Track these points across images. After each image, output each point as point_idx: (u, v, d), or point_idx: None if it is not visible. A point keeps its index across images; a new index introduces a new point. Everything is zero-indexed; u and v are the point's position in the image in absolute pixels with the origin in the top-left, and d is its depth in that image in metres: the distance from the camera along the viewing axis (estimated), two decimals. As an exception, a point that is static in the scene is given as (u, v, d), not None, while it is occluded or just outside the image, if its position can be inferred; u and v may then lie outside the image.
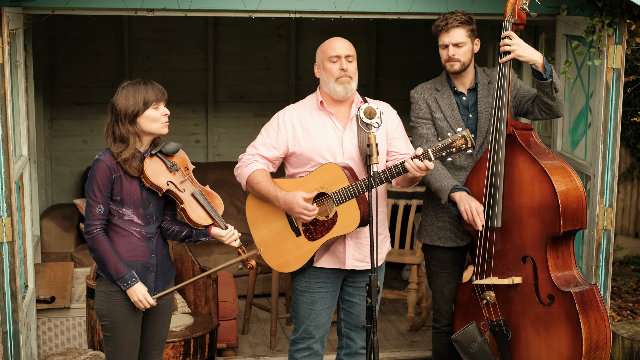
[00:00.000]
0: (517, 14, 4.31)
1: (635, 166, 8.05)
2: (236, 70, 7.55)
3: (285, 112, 4.21)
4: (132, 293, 3.78)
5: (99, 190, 3.73)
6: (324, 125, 4.14)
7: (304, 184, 4.09)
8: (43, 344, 5.26)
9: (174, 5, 4.68)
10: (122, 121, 3.75)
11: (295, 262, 4.16)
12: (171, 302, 4.06)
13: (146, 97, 3.75)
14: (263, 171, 4.13)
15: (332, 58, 4.08)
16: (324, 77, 4.13)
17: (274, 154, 4.17)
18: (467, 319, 4.52)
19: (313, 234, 4.11)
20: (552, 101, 4.33)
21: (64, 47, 7.19)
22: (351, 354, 4.33)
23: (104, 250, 3.74)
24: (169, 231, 3.96)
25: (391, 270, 7.42)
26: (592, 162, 4.91)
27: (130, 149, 3.75)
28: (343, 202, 4.03)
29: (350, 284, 4.26)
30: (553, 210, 4.19)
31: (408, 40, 7.76)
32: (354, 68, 4.12)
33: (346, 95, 4.10)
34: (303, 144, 4.12)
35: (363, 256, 4.18)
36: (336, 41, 4.13)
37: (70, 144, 7.30)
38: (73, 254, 6.50)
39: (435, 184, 4.37)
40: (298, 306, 4.24)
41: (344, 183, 4.01)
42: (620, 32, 4.75)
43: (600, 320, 4.28)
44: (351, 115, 4.15)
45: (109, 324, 3.85)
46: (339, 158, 4.11)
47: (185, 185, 3.87)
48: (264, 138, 4.18)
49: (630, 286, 7.27)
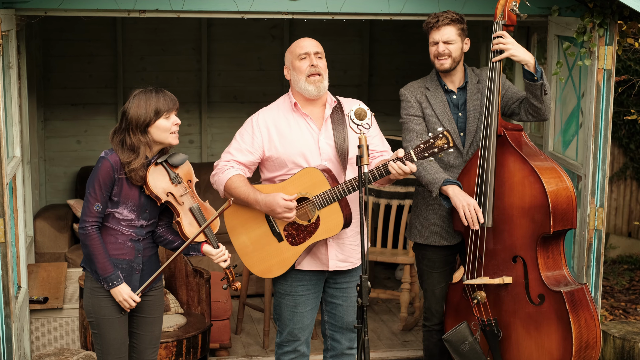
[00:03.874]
0: (507, 15, 4.32)
1: (628, 166, 8.08)
2: (230, 70, 7.56)
3: (259, 116, 4.16)
4: (117, 293, 3.79)
5: (99, 188, 3.74)
6: (299, 128, 4.10)
7: (284, 189, 4.05)
8: (36, 345, 5.27)
9: (166, 7, 4.69)
10: (133, 130, 3.75)
11: (278, 267, 4.13)
12: (160, 298, 4.05)
13: (158, 107, 3.75)
14: (240, 176, 4.08)
15: (301, 55, 4.06)
16: (294, 77, 4.10)
17: (250, 159, 4.12)
18: (458, 318, 4.53)
19: (295, 239, 4.08)
20: (540, 104, 4.35)
21: (57, 48, 7.19)
22: (337, 355, 4.32)
23: (95, 248, 3.75)
24: (162, 238, 3.96)
25: (384, 270, 7.44)
26: (583, 163, 4.93)
27: (140, 159, 3.75)
28: (325, 206, 4.01)
29: (333, 286, 4.23)
30: (543, 210, 4.21)
31: (401, 40, 7.77)
32: (324, 65, 4.10)
33: (318, 94, 4.07)
34: (279, 148, 4.08)
35: (346, 256, 4.17)
36: (304, 40, 4.12)
37: (64, 145, 7.31)
38: (67, 255, 6.51)
39: (426, 177, 4.36)
40: (281, 309, 4.22)
41: (325, 187, 3.99)
42: (611, 32, 4.77)
43: (591, 320, 4.30)
44: (325, 116, 4.13)
45: (95, 321, 3.87)
46: (316, 160, 4.08)
47: (185, 199, 3.86)
48: (239, 143, 4.13)
49: (623, 285, 7.29)
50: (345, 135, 4.11)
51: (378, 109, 7.52)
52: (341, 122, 4.13)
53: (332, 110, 4.15)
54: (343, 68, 7.69)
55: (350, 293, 4.24)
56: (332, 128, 4.11)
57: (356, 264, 4.22)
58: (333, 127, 4.11)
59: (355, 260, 4.21)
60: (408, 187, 6.28)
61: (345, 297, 4.23)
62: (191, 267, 5.33)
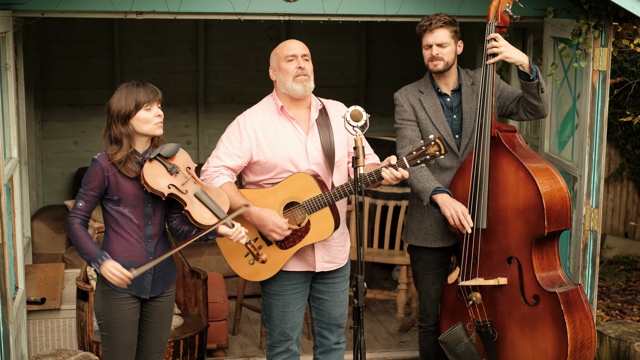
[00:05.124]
0: (500, 17, 4.34)
1: (624, 166, 8.09)
2: (227, 71, 7.57)
3: (245, 119, 4.14)
4: (105, 270, 3.71)
5: (88, 189, 3.77)
6: (285, 132, 4.10)
7: (273, 193, 4.07)
8: (33, 345, 5.27)
9: (163, 8, 4.71)
10: (115, 123, 3.78)
11: (267, 271, 4.14)
12: (171, 305, 4.04)
13: (137, 99, 3.76)
14: (231, 184, 4.07)
15: (289, 57, 4.06)
16: (280, 78, 4.09)
17: (238, 163, 4.11)
18: (454, 320, 4.55)
19: (285, 243, 4.09)
20: (538, 102, 4.36)
21: (54, 49, 7.20)
22: (326, 351, 4.37)
23: (77, 234, 3.75)
24: (179, 231, 3.95)
25: (381, 270, 7.45)
26: (579, 164, 4.95)
27: (123, 151, 3.76)
28: (316, 211, 4.03)
29: (319, 282, 4.27)
30: (537, 212, 4.23)
31: (398, 41, 7.79)
32: (311, 68, 4.10)
33: (305, 94, 4.07)
34: (267, 152, 4.08)
35: (332, 257, 4.22)
36: (291, 42, 4.12)
37: (61, 146, 7.32)
38: (64, 255, 6.51)
39: (417, 186, 4.39)
40: (271, 310, 4.23)
41: (316, 192, 4.01)
42: (606, 34, 4.79)
43: (585, 320, 4.32)
44: (312, 120, 4.13)
45: (105, 323, 3.87)
46: (303, 163, 4.09)
47: (188, 186, 3.82)
48: (227, 147, 4.11)
49: (619, 286, 7.31)
50: (331, 138, 4.13)
51: (375, 110, 7.54)
52: (326, 125, 4.14)
53: (317, 114, 4.16)
54: (340, 69, 7.70)
55: (337, 289, 4.29)
56: (319, 131, 4.13)
57: (341, 264, 4.27)
58: (319, 131, 4.13)
59: (341, 260, 4.26)
60: (405, 188, 6.30)
61: (332, 292, 4.28)
62: (188, 268, 5.34)
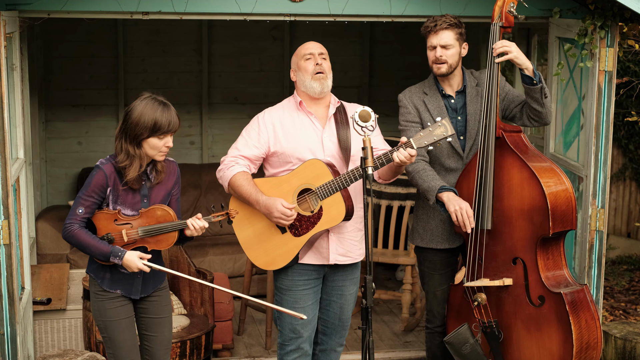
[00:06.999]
0: (505, 17, 4.34)
1: (627, 166, 8.10)
2: (231, 72, 7.57)
3: (264, 114, 4.30)
4: (129, 264, 3.76)
5: (89, 195, 3.79)
6: (302, 125, 4.24)
7: (287, 181, 4.16)
8: (40, 346, 5.28)
9: (169, 8, 4.71)
10: (129, 136, 3.77)
11: (282, 259, 4.21)
12: (166, 299, 4.07)
13: (157, 123, 3.76)
14: (245, 174, 4.20)
15: (306, 56, 4.22)
16: (300, 77, 4.24)
17: (256, 153, 4.23)
18: (459, 320, 4.55)
19: (298, 230, 4.16)
20: (541, 107, 4.36)
21: (58, 49, 7.20)
22: (326, 350, 4.42)
23: (81, 238, 3.76)
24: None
25: (385, 270, 7.46)
26: (585, 164, 4.95)
27: (134, 170, 3.77)
28: (328, 196, 4.09)
29: (328, 283, 4.33)
30: (542, 212, 4.23)
31: (402, 42, 7.79)
32: (328, 66, 4.25)
33: (323, 92, 4.21)
34: (284, 143, 4.20)
35: (346, 250, 4.26)
36: (309, 43, 4.30)
37: (65, 146, 7.32)
38: (69, 256, 6.52)
39: (422, 185, 4.40)
40: (282, 306, 4.25)
41: (328, 177, 4.10)
42: (612, 34, 4.79)
43: (591, 320, 4.32)
44: (329, 115, 4.26)
45: (102, 324, 3.91)
46: (319, 156, 4.19)
47: (132, 236, 3.85)
48: (245, 139, 4.26)
49: (623, 286, 7.31)
50: (348, 134, 4.23)
51: (378, 110, 7.45)
52: (344, 123, 4.26)
53: (335, 110, 4.27)
54: (344, 69, 7.70)
55: (344, 291, 4.34)
56: (336, 127, 4.24)
57: (356, 260, 4.32)
58: (336, 126, 4.24)
59: (355, 255, 4.31)
60: (409, 189, 6.30)
61: (340, 294, 4.33)
62: (194, 269, 5.35)
